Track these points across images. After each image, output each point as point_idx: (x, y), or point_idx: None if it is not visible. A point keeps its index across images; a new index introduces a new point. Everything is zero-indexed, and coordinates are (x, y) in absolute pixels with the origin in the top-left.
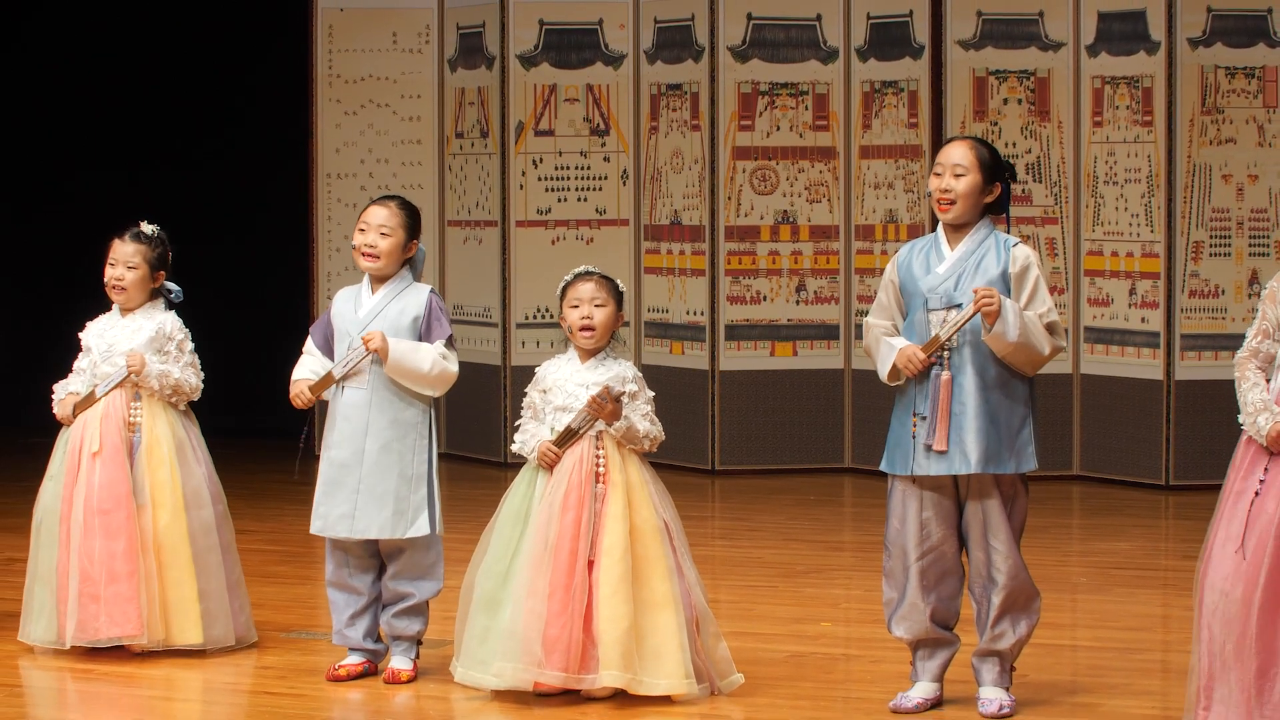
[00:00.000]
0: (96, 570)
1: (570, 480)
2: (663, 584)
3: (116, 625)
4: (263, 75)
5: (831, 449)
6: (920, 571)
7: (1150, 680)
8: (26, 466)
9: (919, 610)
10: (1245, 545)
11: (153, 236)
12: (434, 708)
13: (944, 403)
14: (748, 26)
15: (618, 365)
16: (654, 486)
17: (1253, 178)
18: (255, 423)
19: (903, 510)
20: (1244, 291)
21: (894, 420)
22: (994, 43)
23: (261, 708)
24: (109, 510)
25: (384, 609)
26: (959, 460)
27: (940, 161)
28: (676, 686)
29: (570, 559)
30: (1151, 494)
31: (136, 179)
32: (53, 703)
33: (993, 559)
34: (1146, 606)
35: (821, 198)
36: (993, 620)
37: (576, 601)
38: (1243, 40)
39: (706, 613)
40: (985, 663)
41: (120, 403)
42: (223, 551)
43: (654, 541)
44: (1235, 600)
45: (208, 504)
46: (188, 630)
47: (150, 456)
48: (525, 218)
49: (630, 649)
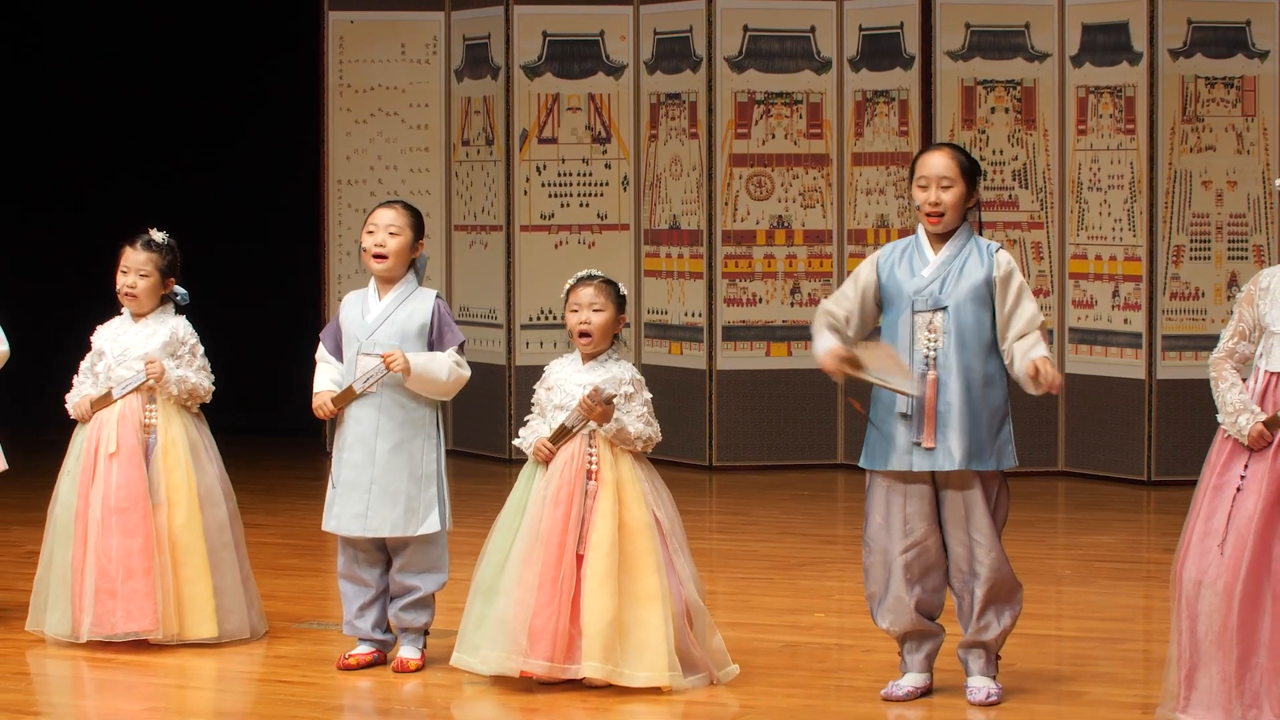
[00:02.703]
0: (114, 567)
1: (562, 476)
2: (650, 579)
3: (132, 620)
4: (276, 84)
5: (825, 446)
6: (905, 565)
7: (1133, 669)
8: (43, 462)
9: (904, 603)
10: (1226, 540)
11: (163, 244)
12: (439, 695)
13: (930, 401)
14: (744, 38)
15: (617, 367)
16: (648, 484)
17: (1232, 184)
18: (267, 421)
19: (885, 506)
20: (1223, 294)
21: (873, 418)
22: (982, 54)
23: (274, 695)
24: (126, 509)
25: (391, 601)
26: (944, 457)
27: (925, 175)
28: (657, 679)
29: (558, 552)
30: (1134, 489)
31: (155, 183)
32: (66, 690)
33: (975, 553)
34: (1129, 598)
35: (815, 203)
36: (978, 613)
37: (564, 594)
38: (1222, 51)
39: (700, 606)
40: (971, 653)
41: (136, 405)
42: (238, 546)
43: (643, 538)
44: (1217, 592)
45: (221, 502)
46: (202, 625)
47: (166, 457)
48: (529, 222)
49: (612, 641)
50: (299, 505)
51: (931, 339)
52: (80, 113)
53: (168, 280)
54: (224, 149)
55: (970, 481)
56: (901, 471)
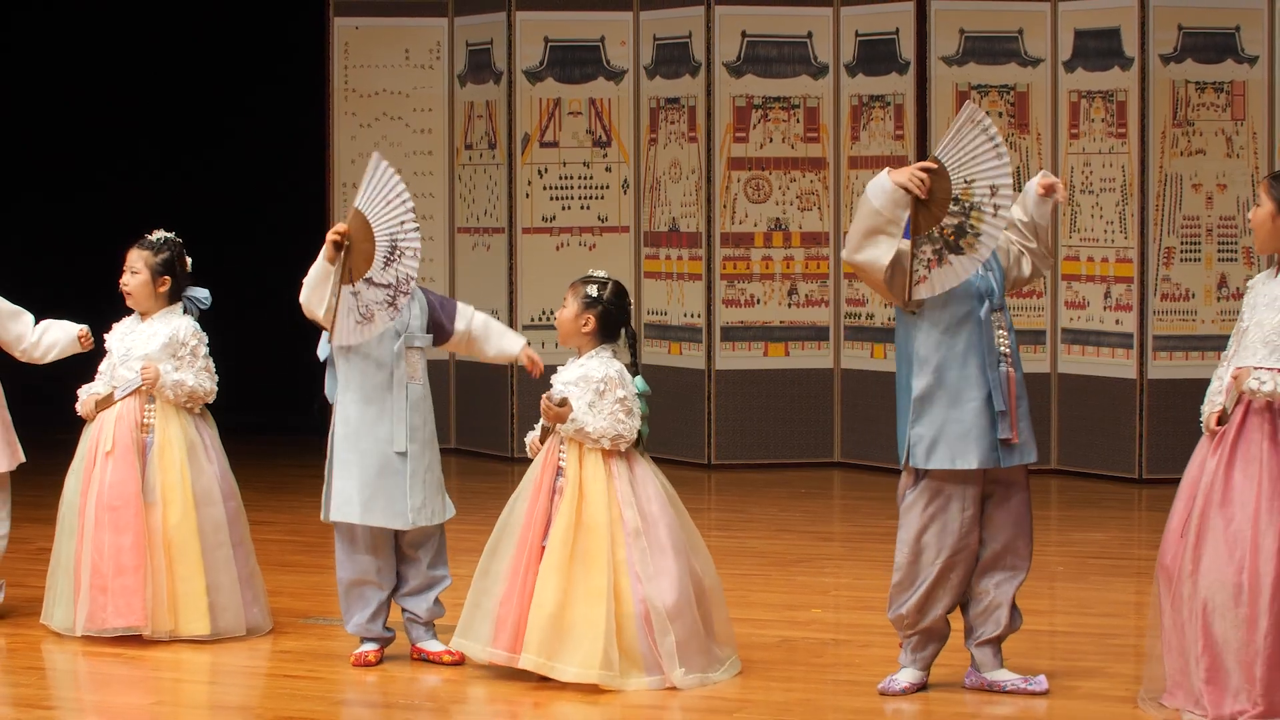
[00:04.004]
0: (105, 563)
1: (534, 473)
2: (598, 577)
3: (122, 616)
4: (283, 89)
5: (822, 444)
6: (949, 567)
7: (1125, 664)
8: (55, 460)
9: (939, 604)
10: (1187, 527)
11: (156, 243)
12: (444, 690)
13: (1013, 396)
14: (742, 44)
15: (595, 364)
16: (624, 483)
17: (1221, 187)
18: (274, 419)
19: (944, 510)
20: (1213, 295)
21: (929, 417)
22: (976, 59)
23: (280, 690)
24: (118, 507)
25: (413, 596)
26: (1024, 451)
27: None
28: (585, 675)
29: (520, 546)
30: (1125, 487)
31: (166, 185)
32: (77, 684)
33: (1017, 547)
34: (1121, 594)
35: (812, 206)
36: (1010, 607)
37: (525, 586)
38: (1212, 56)
39: (659, 610)
40: (993, 647)
41: (135, 405)
42: (234, 546)
43: (596, 536)
44: (1181, 580)
45: (218, 501)
46: (195, 622)
47: (162, 457)
48: (531, 225)
49: (549, 634)
50: (305, 502)
51: (1003, 335)
52: (89, 117)
53: (161, 279)
54: (232, 151)
55: (1021, 476)
56: (966, 471)
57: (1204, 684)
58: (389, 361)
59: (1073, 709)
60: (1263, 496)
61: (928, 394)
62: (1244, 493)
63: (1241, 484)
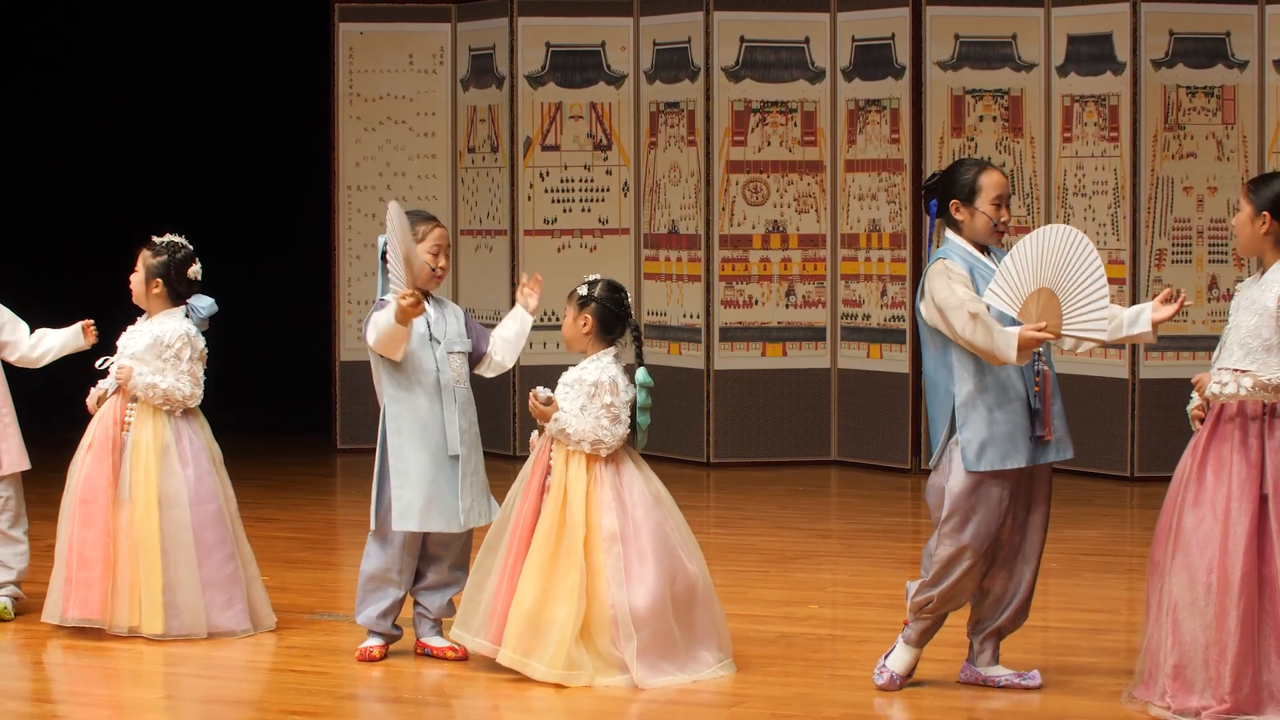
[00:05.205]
0: (73, 556)
1: (524, 473)
2: (569, 578)
3: (79, 608)
4: (289, 94)
5: (819, 443)
6: (984, 560)
7: (1116, 659)
8: (61, 459)
9: (965, 594)
10: (1170, 525)
11: (156, 245)
12: (450, 684)
13: (1048, 395)
14: (740, 48)
15: (592, 366)
16: (608, 489)
17: (1212, 190)
18: (280, 418)
19: (999, 508)
20: (1204, 296)
21: (976, 420)
22: (970, 64)
23: (286, 684)
24: (88, 501)
25: (432, 591)
26: (1060, 448)
27: (1002, 194)
28: (549, 675)
29: (509, 544)
30: (1117, 485)
31: (174, 188)
32: (86, 679)
33: (1036, 543)
34: (1113, 590)
35: (809, 208)
36: (1021, 597)
37: (510, 582)
38: (1203, 61)
39: (626, 615)
40: (989, 643)
41: (117, 404)
42: (211, 549)
43: (570, 539)
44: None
45: (185, 504)
46: (153, 619)
47: (134, 455)
48: (533, 227)
49: (525, 632)
50: (309, 500)
51: None
52: (110, 126)
53: (154, 280)
54: (239, 156)
55: (1050, 472)
56: (1015, 470)
57: (1169, 679)
58: (433, 369)
59: (1065, 704)
60: (1232, 498)
61: (972, 398)
62: (1214, 493)
63: (1212, 485)
